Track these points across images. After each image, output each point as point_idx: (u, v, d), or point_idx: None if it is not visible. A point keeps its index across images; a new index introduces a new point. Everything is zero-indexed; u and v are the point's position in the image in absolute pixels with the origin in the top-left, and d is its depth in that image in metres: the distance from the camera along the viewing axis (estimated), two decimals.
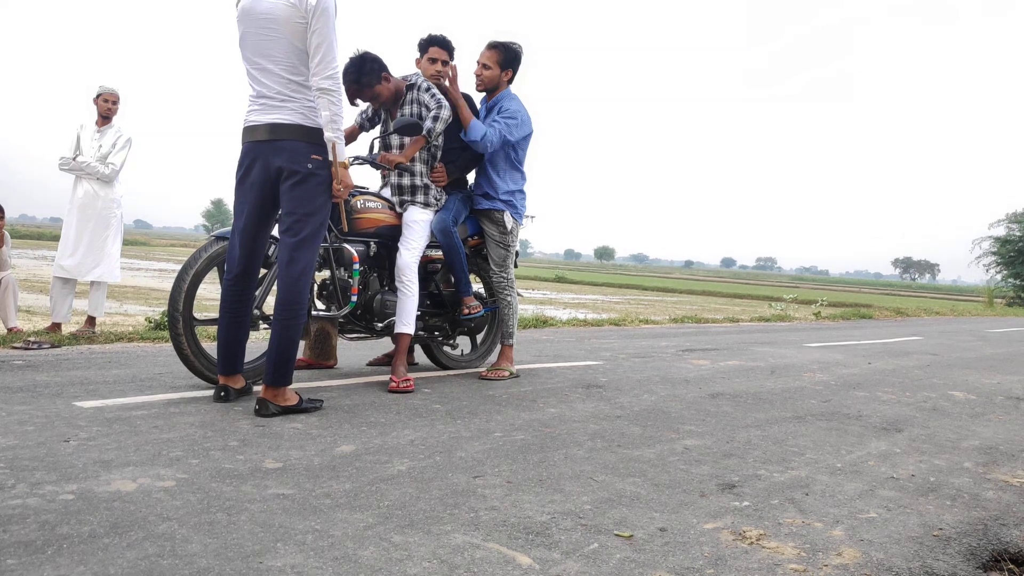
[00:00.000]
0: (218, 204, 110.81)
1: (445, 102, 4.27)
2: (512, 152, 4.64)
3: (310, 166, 3.29)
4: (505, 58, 4.57)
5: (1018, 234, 31.84)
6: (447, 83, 4.43)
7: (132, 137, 5.83)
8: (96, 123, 5.79)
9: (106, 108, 5.76)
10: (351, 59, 4.11)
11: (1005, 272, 32.12)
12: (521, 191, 4.75)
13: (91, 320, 5.79)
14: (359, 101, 4.22)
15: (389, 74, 4.22)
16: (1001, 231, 32.82)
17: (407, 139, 4.31)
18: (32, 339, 5.01)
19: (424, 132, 4.19)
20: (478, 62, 4.58)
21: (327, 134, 3.27)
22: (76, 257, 5.68)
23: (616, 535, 2.16)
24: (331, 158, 3.32)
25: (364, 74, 4.09)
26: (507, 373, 4.66)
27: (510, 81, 4.65)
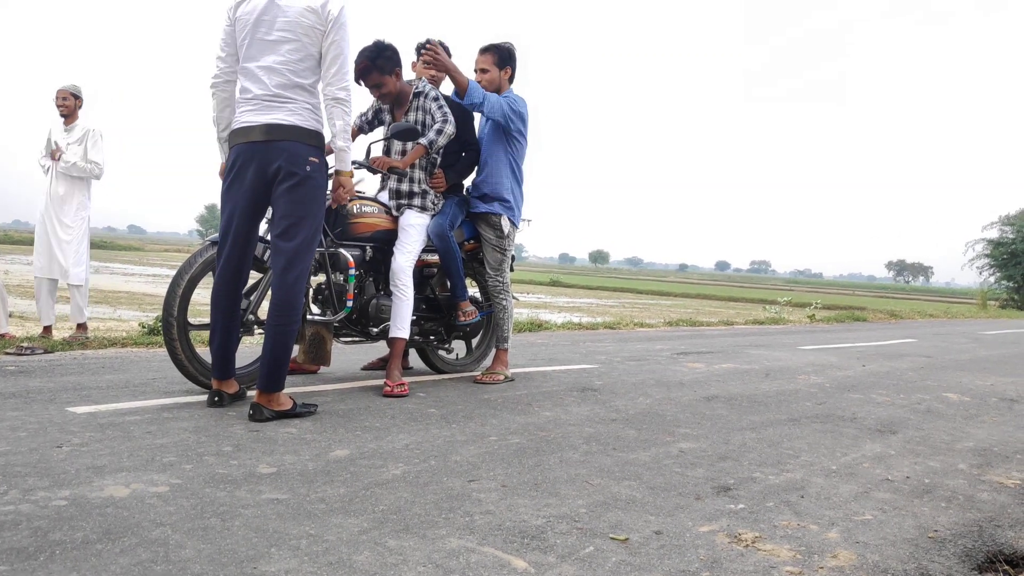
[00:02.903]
0: (212, 209, 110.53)
1: (451, 117, 4.27)
2: (512, 154, 4.64)
3: (308, 168, 3.29)
4: (500, 58, 4.57)
5: (1011, 236, 31.97)
6: (437, 56, 4.25)
7: (100, 128, 5.77)
8: (64, 123, 5.76)
9: (58, 105, 5.70)
10: (376, 41, 4.12)
11: (998, 274, 32.24)
12: (519, 194, 4.75)
13: (81, 326, 5.76)
14: (362, 82, 4.13)
15: (401, 73, 4.22)
16: (994, 233, 32.97)
17: (409, 144, 4.31)
18: (25, 344, 4.99)
19: (426, 143, 4.18)
20: (476, 69, 4.56)
21: (339, 143, 3.36)
22: (45, 257, 5.66)
23: (612, 538, 2.16)
24: (339, 167, 3.42)
25: (382, 58, 4.09)
26: (502, 377, 4.66)
27: (511, 80, 4.65)
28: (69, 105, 5.72)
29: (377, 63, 4.09)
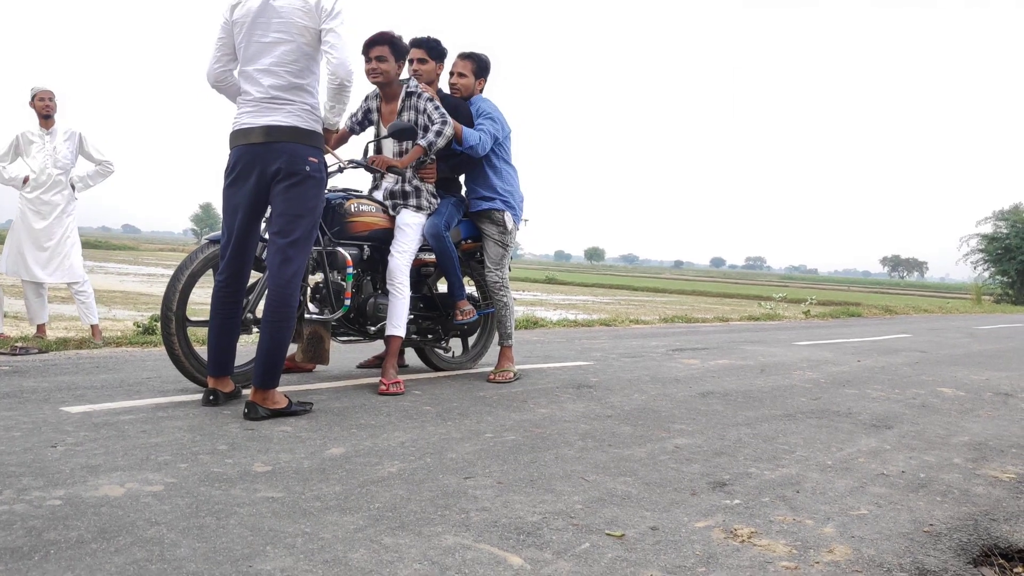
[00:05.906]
0: (207, 208, 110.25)
1: (449, 119, 4.30)
2: (500, 150, 4.73)
3: (307, 168, 3.31)
4: (478, 67, 4.75)
5: (1005, 231, 32.06)
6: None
7: (79, 129, 5.73)
8: (40, 126, 5.62)
9: (44, 107, 5.53)
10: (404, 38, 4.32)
11: (992, 269, 32.33)
12: (517, 189, 4.85)
13: (95, 328, 5.67)
14: (368, 53, 4.14)
15: (403, 66, 4.29)
16: (988, 228, 33.06)
17: (404, 144, 4.32)
18: (19, 344, 4.97)
19: (425, 144, 4.20)
20: (452, 72, 4.72)
21: (332, 118, 3.37)
22: (34, 260, 5.57)
23: (607, 534, 2.16)
24: (327, 126, 3.43)
25: (399, 41, 4.18)
26: (512, 374, 4.67)
27: (482, 89, 4.82)
28: (53, 106, 5.60)
29: (393, 42, 4.16)
